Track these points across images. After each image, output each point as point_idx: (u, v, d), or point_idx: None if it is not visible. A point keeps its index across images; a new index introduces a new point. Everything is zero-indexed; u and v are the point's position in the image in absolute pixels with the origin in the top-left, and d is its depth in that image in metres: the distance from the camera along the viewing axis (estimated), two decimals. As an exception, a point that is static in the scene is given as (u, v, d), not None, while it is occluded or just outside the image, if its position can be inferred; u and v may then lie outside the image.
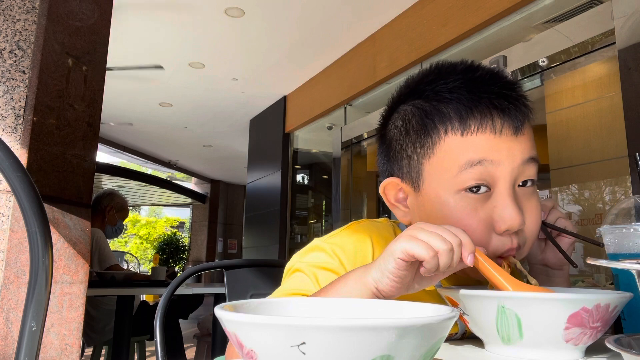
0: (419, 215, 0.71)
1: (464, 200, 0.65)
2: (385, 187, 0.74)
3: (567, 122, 2.41)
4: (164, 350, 0.94)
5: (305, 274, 0.70)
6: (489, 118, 0.65)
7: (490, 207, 0.65)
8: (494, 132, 0.64)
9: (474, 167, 0.63)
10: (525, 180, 0.67)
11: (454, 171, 0.64)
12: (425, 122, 0.68)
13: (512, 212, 0.63)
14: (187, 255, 10.05)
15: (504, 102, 0.66)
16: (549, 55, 2.32)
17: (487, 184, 0.64)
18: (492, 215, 0.64)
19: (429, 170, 0.68)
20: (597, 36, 2.12)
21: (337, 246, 0.72)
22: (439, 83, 0.69)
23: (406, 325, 0.32)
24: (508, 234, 0.65)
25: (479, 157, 0.63)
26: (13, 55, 1.55)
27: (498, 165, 0.64)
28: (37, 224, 0.51)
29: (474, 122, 0.65)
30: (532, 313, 0.51)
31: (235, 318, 0.34)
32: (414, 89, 0.72)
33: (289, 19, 3.43)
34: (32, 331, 0.49)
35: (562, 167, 2.39)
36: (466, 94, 0.66)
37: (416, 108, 0.70)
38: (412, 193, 0.71)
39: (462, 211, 0.64)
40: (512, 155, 0.64)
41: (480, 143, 0.64)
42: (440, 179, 0.66)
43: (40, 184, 1.55)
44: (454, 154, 0.65)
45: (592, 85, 2.31)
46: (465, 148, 0.64)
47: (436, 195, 0.67)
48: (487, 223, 0.65)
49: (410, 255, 0.52)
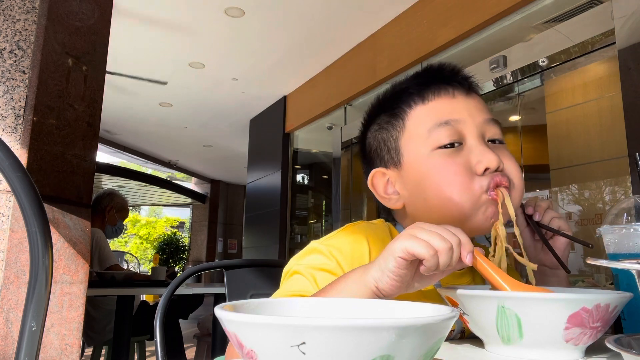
0: (408, 191, 0.76)
1: (439, 155, 0.71)
2: (372, 179, 0.79)
3: (567, 122, 2.41)
4: (164, 350, 0.94)
5: (303, 276, 0.70)
6: (443, 86, 0.76)
7: (465, 154, 0.71)
8: (449, 96, 0.75)
9: (442, 127, 0.72)
10: (493, 139, 0.74)
11: (425, 134, 0.73)
12: (393, 110, 0.79)
13: (487, 152, 0.70)
14: (187, 255, 10.05)
15: (451, 74, 0.78)
16: (549, 55, 2.32)
17: (458, 140, 0.72)
18: (469, 160, 0.70)
19: (405, 144, 0.76)
20: (597, 36, 2.12)
21: (334, 248, 0.72)
22: (396, 87, 0.82)
23: (406, 325, 0.32)
24: (489, 173, 0.69)
25: (444, 118, 0.72)
26: (13, 55, 1.55)
27: (463, 123, 0.72)
28: (37, 224, 0.51)
29: (430, 91, 0.76)
30: (532, 313, 0.51)
31: (235, 318, 0.34)
32: (378, 107, 0.84)
33: (289, 19, 3.43)
34: (32, 331, 0.49)
35: (562, 167, 2.39)
36: (419, 79, 0.79)
37: (383, 112, 0.81)
38: (397, 174, 0.77)
39: (441, 163, 0.71)
40: (472, 114, 0.73)
41: (440, 106, 0.74)
42: (416, 145, 0.74)
43: (40, 184, 1.55)
44: (421, 120, 0.75)
45: (592, 85, 2.31)
46: (429, 112, 0.74)
47: (416, 160, 0.74)
48: (466, 167, 0.70)
49: (411, 253, 0.53)
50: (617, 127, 1.99)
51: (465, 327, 0.76)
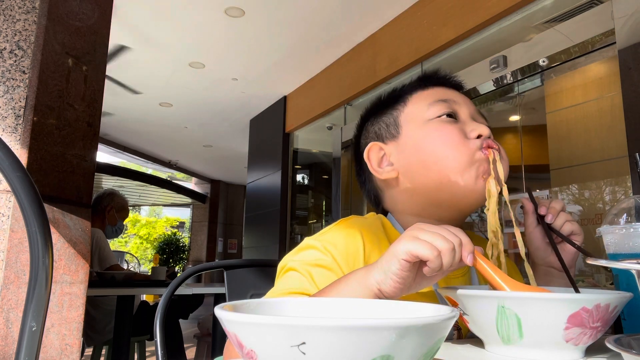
0: (404, 159, 0.80)
1: (438, 122, 0.79)
2: (369, 151, 0.83)
3: (567, 122, 2.41)
4: (164, 350, 0.94)
5: (299, 272, 0.70)
6: (440, 82, 0.86)
7: (460, 125, 0.78)
8: (445, 88, 0.85)
9: (441, 103, 0.80)
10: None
11: (425, 107, 0.81)
12: (394, 98, 0.86)
13: (479, 124, 0.78)
14: (187, 255, 10.05)
15: (445, 75, 0.87)
16: (549, 55, 2.32)
17: (454, 114, 0.80)
18: (464, 128, 0.78)
19: (405, 117, 0.83)
20: (597, 36, 2.12)
21: (328, 243, 0.72)
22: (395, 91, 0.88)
23: (406, 325, 0.32)
24: (482, 139, 0.76)
25: (444, 97, 0.81)
26: (13, 55, 1.55)
27: (459, 105, 0.81)
28: (37, 224, 0.51)
29: (429, 82, 0.86)
30: (532, 313, 0.51)
31: (235, 318, 0.34)
32: (374, 105, 0.90)
33: (289, 19, 3.43)
34: (32, 331, 0.49)
35: (562, 167, 2.39)
36: (419, 79, 0.87)
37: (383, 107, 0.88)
38: (394, 146, 0.82)
39: (438, 127, 0.78)
40: (466, 102, 0.83)
41: (440, 91, 0.84)
42: (416, 116, 0.81)
43: (40, 184, 1.55)
44: (422, 99, 0.83)
45: (592, 85, 2.31)
46: (429, 93, 0.83)
47: (415, 128, 0.80)
48: (461, 132, 0.77)
49: (415, 256, 0.53)
50: (617, 127, 1.99)
51: (463, 327, 0.76)
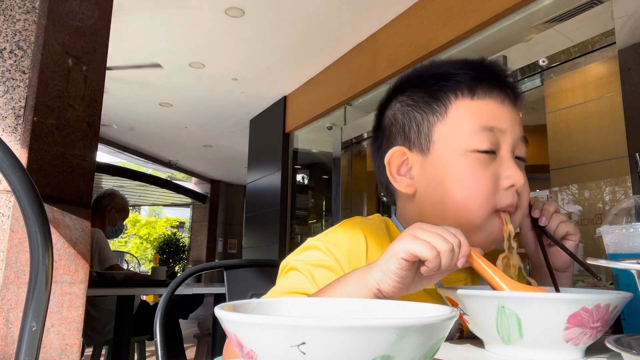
0: (425, 180, 0.74)
1: (474, 158, 0.70)
2: (391, 157, 0.76)
3: (567, 122, 2.40)
4: (164, 350, 0.94)
5: (301, 272, 0.70)
6: (495, 87, 0.73)
7: (496, 166, 0.71)
8: (499, 100, 0.72)
9: (486, 132, 0.70)
10: (520, 157, 0.74)
11: (467, 132, 0.70)
12: (435, 92, 0.74)
13: (517, 170, 0.70)
14: (187, 255, 10.05)
15: (504, 79, 0.74)
16: (549, 55, 2.32)
17: (495, 149, 0.71)
18: (499, 173, 0.70)
19: (441, 133, 0.72)
20: (597, 36, 2.12)
21: (331, 243, 0.72)
22: (441, 67, 0.76)
23: (406, 325, 0.32)
24: (512, 190, 0.70)
25: (491, 124, 0.70)
26: (13, 55, 1.55)
27: (504, 134, 0.71)
28: (37, 224, 0.51)
29: (481, 88, 0.72)
30: (532, 313, 0.51)
31: (235, 318, 0.34)
32: (415, 80, 0.78)
33: (289, 19, 3.43)
34: (32, 331, 0.49)
35: (562, 167, 2.39)
36: (470, 70, 0.74)
37: (421, 88, 0.76)
38: (419, 160, 0.74)
39: (473, 168, 0.70)
40: (513, 128, 0.72)
41: (488, 109, 0.71)
42: (453, 140, 0.71)
43: (40, 184, 1.55)
44: (466, 116, 0.71)
45: (592, 85, 2.31)
46: (476, 111, 0.71)
47: (448, 155, 0.71)
48: (494, 180, 0.70)
49: (414, 255, 0.53)
50: (617, 127, 1.99)
51: (464, 327, 0.76)
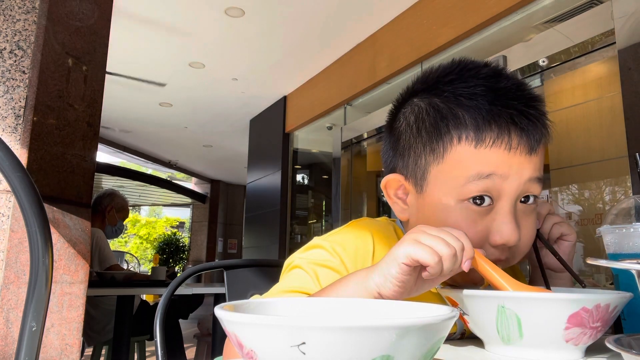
0: (417, 215, 0.70)
1: (466, 211, 0.64)
2: (387, 182, 0.73)
3: (567, 122, 2.40)
4: (164, 350, 0.94)
5: (305, 271, 0.69)
6: (506, 134, 0.62)
7: (489, 219, 0.64)
8: (508, 149, 0.62)
9: (482, 180, 0.62)
10: (527, 196, 0.66)
11: (461, 181, 0.63)
12: (439, 126, 0.66)
13: (511, 228, 0.63)
14: (187, 255, 10.05)
15: (525, 119, 0.63)
16: (549, 55, 2.32)
17: (491, 197, 0.63)
18: (490, 228, 0.64)
19: (436, 175, 0.66)
20: (597, 36, 2.12)
21: (337, 244, 0.71)
22: (460, 86, 0.66)
23: (406, 325, 0.32)
24: (502, 247, 0.65)
25: (489, 171, 0.62)
26: (13, 55, 1.55)
27: (505, 180, 0.63)
28: (37, 224, 0.51)
29: (490, 135, 0.62)
30: (532, 313, 0.51)
31: (235, 318, 0.34)
32: (432, 85, 0.70)
33: (289, 19, 3.43)
34: (32, 331, 0.49)
35: (562, 167, 2.39)
36: (486, 105, 0.63)
37: (431, 107, 0.68)
38: (414, 193, 0.70)
39: (462, 221, 0.64)
40: (520, 172, 0.63)
41: (493, 158, 0.62)
42: (446, 186, 0.65)
43: (40, 184, 1.55)
44: (464, 164, 0.63)
45: (592, 85, 2.31)
46: (476, 161, 0.63)
47: (439, 200, 0.66)
48: (483, 235, 0.64)
49: (415, 260, 0.52)
50: (617, 127, 1.99)
51: (466, 328, 0.76)
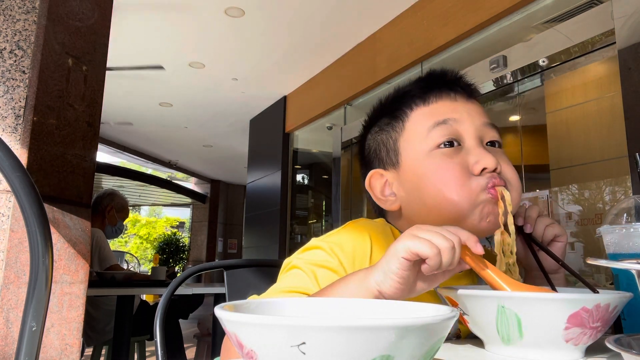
0: (406, 192, 0.76)
1: (438, 155, 0.72)
2: (370, 179, 0.79)
3: (567, 122, 2.40)
4: (164, 350, 0.94)
5: (303, 271, 0.69)
6: (444, 90, 0.76)
7: (463, 155, 0.72)
8: (450, 99, 0.76)
9: (441, 126, 0.72)
10: (492, 142, 0.75)
11: (424, 133, 0.73)
12: (394, 111, 0.79)
13: (484, 153, 0.70)
14: (187, 255, 10.05)
15: (455, 78, 0.78)
16: (549, 55, 2.32)
17: (457, 140, 0.72)
18: (467, 161, 0.71)
19: (404, 144, 0.76)
20: (597, 36, 2.12)
21: (335, 245, 0.71)
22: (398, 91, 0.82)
23: (406, 325, 0.32)
24: (487, 173, 0.70)
25: (443, 117, 0.73)
26: (13, 55, 1.55)
27: (461, 124, 0.73)
28: (37, 224, 0.51)
29: (432, 94, 0.76)
30: (532, 313, 0.51)
31: (235, 318, 0.34)
32: (380, 110, 0.84)
33: (289, 19, 3.43)
34: (32, 331, 0.49)
35: (562, 167, 2.39)
36: (422, 82, 0.79)
37: (385, 115, 0.82)
38: (395, 176, 0.77)
39: (438, 162, 0.71)
40: (471, 116, 0.74)
41: (441, 107, 0.75)
42: (415, 146, 0.74)
43: (40, 184, 1.55)
44: (421, 121, 0.75)
45: (592, 85, 2.31)
46: (429, 113, 0.75)
47: (414, 161, 0.74)
48: (463, 166, 0.70)
49: (414, 253, 0.52)
50: (617, 127, 1.99)
51: (460, 327, 0.76)
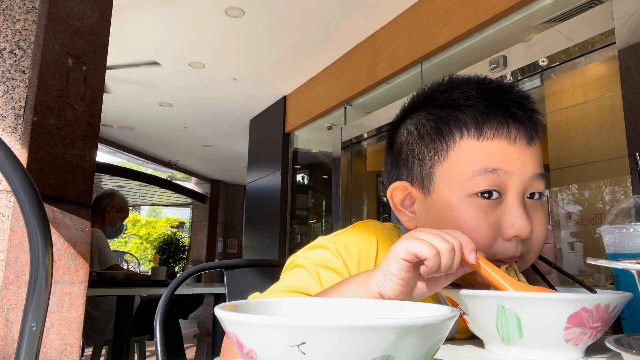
0: (425, 219, 0.70)
1: (474, 204, 0.65)
2: (393, 191, 0.73)
3: (567, 122, 2.40)
4: (164, 350, 0.94)
5: (306, 271, 0.69)
6: (504, 125, 0.66)
7: (500, 213, 0.65)
8: (508, 140, 0.65)
9: (488, 174, 0.64)
10: (533, 193, 0.67)
11: (467, 175, 0.65)
12: (440, 127, 0.68)
13: (522, 218, 0.64)
14: (187, 255, 10.05)
15: (519, 111, 0.67)
16: (549, 55, 2.32)
17: (499, 191, 0.65)
18: (502, 221, 0.65)
19: (441, 174, 0.68)
20: (597, 36, 2.12)
21: (341, 246, 0.71)
22: (454, 92, 0.70)
23: (406, 325, 0.32)
24: (515, 240, 0.65)
25: (494, 166, 0.64)
26: (13, 55, 1.55)
27: (511, 175, 0.65)
28: (37, 224, 0.51)
29: (490, 128, 0.65)
30: (532, 313, 0.51)
31: (235, 318, 0.34)
32: (428, 97, 0.73)
33: (289, 19, 3.43)
34: (32, 331, 0.49)
35: (562, 167, 2.39)
36: (482, 102, 0.67)
37: (430, 114, 0.71)
38: (421, 197, 0.70)
39: (472, 214, 0.64)
40: (524, 167, 0.65)
41: (495, 150, 0.65)
42: (453, 182, 0.66)
43: (40, 184, 1.55)
44: (468, 158, 0.66)
45: (592, 85, 2.31)
46: (480, 153, 0.65)
47: (447, 198, 0.67)
48: (495, 228, 0.64)
49: (413, 254, 0.52)
50: (617, 127, 1.99)
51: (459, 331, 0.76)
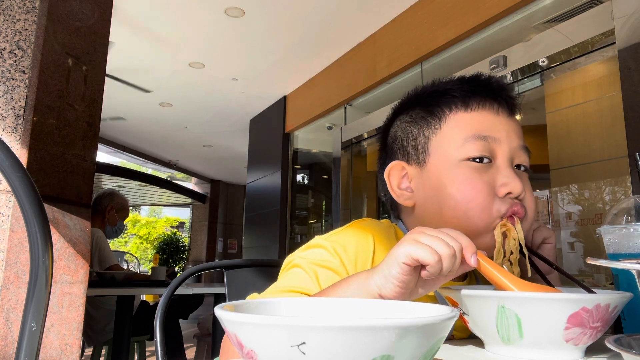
0: (423, 192, 0.75)
1: (468, 167, 0.71)
2: (390, 170, 0.78)
3: (567, 122, 2.40)
4: (164, 350, 0.94)
5: (304, 271, 0.69)
6: (487, 100, 0.75)
7: (492, 173, 0.71)
8: (492, 111, 0.74)
9: (479, 141, 0.71)
10: (519, 165, 0.74)
11: (460, 142, 0.72)
12: (431, 107, 0.77)
13: (514, 177, 0.70)
14: (187, 255, 10.05)
15: (499, 90, 0.76)
16: (549, 55, 2.32)
17: (489, 157, 0.71)
18: (495, 180, 0.70)
19: (435, 145, 0.74)
20: (597, 36, 2.12)
21: (338, 245, 0.71)
22: (437, 86, 0.79)
23: (406, 325, 0.32)
24: (510, 197, 0.70)
25: (484, 133, 0.72)
26: (13, 55, 1.55)
27: (499, 143, 0.72)
28: (37, 224, 0.51)
29: (474, 101, 0.74)
30: (532, 313, 0.51)
31: (235, 318, 0.34)
32: (414, 99, 0.81)
33: (289, 19, 3.43)
34: (32, 331, 0.49)
35: (562, 167, 2.39)
36: (466, 83, 0.77)
37: (418, 106, 0.79)
38: (417, 172, 0.76)
39: (466, 176, 0.70)
40: (509, 137, 0.73)
41: (483, 119, 0.73)
42: (447, 149, 0.73)
43: (40, 184, 1.55)
44: (459, 127, 0.73)
45: (592, 85, 2.31)
46: (470, 122, 0.73)
47: (442, 164, 0.73)
48: (489, 186, 0.70)
49: (415, 259, 0.52)
50: (617, 127, 1.99)
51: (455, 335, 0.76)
